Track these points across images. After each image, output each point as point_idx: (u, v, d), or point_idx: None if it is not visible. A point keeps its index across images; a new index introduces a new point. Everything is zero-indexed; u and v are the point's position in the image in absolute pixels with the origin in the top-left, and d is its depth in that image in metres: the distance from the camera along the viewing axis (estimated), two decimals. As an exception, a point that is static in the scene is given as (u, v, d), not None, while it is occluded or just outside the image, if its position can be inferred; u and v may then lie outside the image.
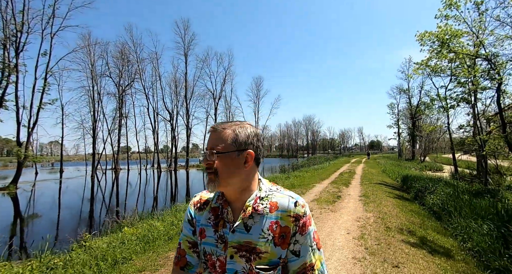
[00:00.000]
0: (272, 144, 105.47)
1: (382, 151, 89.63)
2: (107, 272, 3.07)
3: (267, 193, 0.75)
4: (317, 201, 6.59)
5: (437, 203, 6.10)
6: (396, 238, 3.92)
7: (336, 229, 4.34)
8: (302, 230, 0.71)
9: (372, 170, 16.81)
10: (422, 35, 9.73)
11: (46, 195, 15.37)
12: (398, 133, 40.55)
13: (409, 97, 36.43)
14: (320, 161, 28.77)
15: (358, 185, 9.76)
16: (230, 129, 0.73)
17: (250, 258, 0.69)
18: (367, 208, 5.77)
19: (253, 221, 0.71)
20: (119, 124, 32.85)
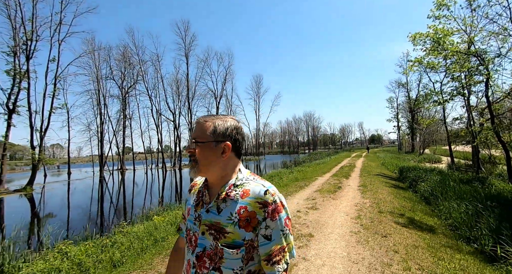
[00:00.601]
0: (273, 141, 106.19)
1: (382, 144, 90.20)
2: (152, 247, 3.80)
3: (242, 181, 0.81)
4: (320, 191, 7.31)
5: (427, 190, 6.80)
6: (388, 218, 4.63)
7: (336, 212, 5.05)
8: (272, 216, 0.75)
9: (372, 163, 17.50)
10: (414, 36, 10.34)
11: (64, 194, 16.18)
12: (397, 126, 41.16)
13: (407, 91, 36.96)
14: (321, 156, 29.49)
15: (358, 177, 10.47)
16: (211, 122, 0.80)
17: (217, 237, 0.76)
18: (364, 196, 6.49)
19: (225, 205, 0.78)
20: (123, 126, 33.61)
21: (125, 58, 32.14)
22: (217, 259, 0.75)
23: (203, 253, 0.77)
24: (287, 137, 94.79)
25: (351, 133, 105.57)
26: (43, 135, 18.41)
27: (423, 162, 20.27)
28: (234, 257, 0.73)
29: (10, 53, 18.17)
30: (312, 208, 5.42)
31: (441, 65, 11.79)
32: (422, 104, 28.11)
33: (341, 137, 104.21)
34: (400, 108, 40.57)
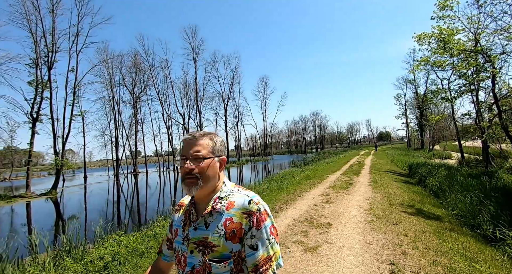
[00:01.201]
0: (280, 141, 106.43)
1: (391, 141, 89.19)
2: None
3: (227, 193, 0.82)
4: (333, 188, 7.79)
5: (435, 184, 7.19)
6: (398, 209, 5.09)
7: (350, 205, 5.54)
8: (257, 225, 0.76)
9: (381, 161, 17.77)
10: (419, 36, 10.68)
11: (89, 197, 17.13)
12: (406, 123, 40.93)
13: (415, 87, 36.74)
14: (329, 155, 29.74)
15: (368, 174, 10.86)
16: (208, 138, 0.82)
17: (205, 252, 0.76)
18: (375, 191, 6.93)
19: (212, 219, 0.78)
20: (135, 130, 34.72)
21: (136, 65, 33.28)
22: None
23: (192, 272, 0.77)
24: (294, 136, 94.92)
25: (358, 131, 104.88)
26: (64, 141, 19.48)
27: (432, 158, 20.32)
28: (222, 271, 0.74)
29: (32, 65, 19.34)
30: (327, 202, 5.92)
31: (448, 63, 12.05)
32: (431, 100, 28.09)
33: (349, 135, 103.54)
34: (408, 105, 40.33)
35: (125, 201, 14.57)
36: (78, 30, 20.26)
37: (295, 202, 6.23)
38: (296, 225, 4.41)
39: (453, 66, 11.39)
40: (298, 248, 3.39)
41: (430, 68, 15.01)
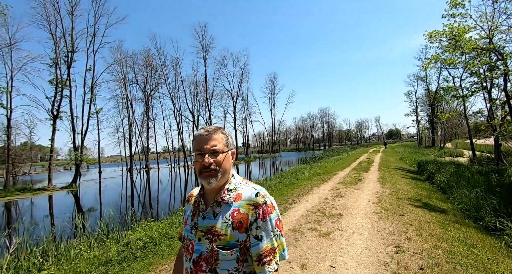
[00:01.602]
0: (287, 138, 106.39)
1: (401, 139, 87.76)
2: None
3: (235, 186, 0.87)
4: (342, 183, 8.12)
5: (443, 180, 7.42)
6: (405, 203, 5.40)
7: (359, 199, 5.88)
8: (263, 217, 0.80)
9: (390, 158, 17.85)
10: (430, 34, 10.73)
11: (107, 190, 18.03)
12: (417, 121, 40.34)
13: (427, 84, 36.14)
14: (338, 152, 29.83)
15: (376, 170, 11.10)
16: (220, 132, 0.88)
17: (212, 239, 0.80)
18: (384, 186, 7.24)
19: (220, 209, 0.84)
20: (147, 127, 35.71)
21: (148, 63, 34.08)
22: (213, 261, 0.79)
23: (200, 258, 0.81)
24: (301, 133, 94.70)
25: (367, 129, 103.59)
26: (83, 138, 20.44)
27: (443, 156, 20.18)
28: (229, 258, 0.77)
29: (52, 64, 20.29)
30: (338, 196, 6.29)
31: (459, 61, 12.03)
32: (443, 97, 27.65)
33: (358, 132, 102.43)
34: (419, 102, 39.70)
35: (143, 194, 15.31)
36: (95, 31, 21.08)
37: (306, 196, 6.63)
38: (309, 215, 4.82)
39: (464, 64, 11.38)
40: (312, 234, 3.80)
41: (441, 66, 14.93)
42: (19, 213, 11.48)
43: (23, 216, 10.62)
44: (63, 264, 3.44)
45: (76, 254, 3.76)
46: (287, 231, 3.97)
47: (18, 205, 13.57)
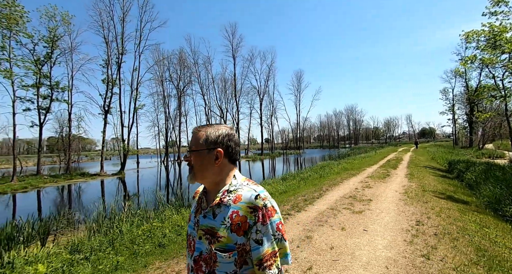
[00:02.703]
0: (311, 135, 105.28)
1: (435, 139, 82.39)
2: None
3: (236, 187, 0.85)
4: (371, 178, 8.82)
5: (471, 178, 7.79)
6: (430, 194, 6.06)
7: (387, 190, 6.63)
8: (263, 220, 0.78)
9: (420, 157, 17.71)
10: (467, 34, 10.73)
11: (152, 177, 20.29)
12: (453, 119, 38.10)
13: (466, 81, 33.91)
14: (365, 150, 29.59)
15: (405, 168, 11.48)
16: (203, 131, 0.88)
17: (211, 241, 0.81)
18: (411, 181, 7.83)
19: (220, 210, 0.83)
20: (179, 122, 38.32)
21: (181, 62, 36.43)
22: (211, 263, 0.79)
23: (200, 257, 0.83)
24: (326, 131, 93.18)
25: (397, 127, 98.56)
26: (129, 130, 23.03)
27: (481, 157, 19.37)
28: (227, 261, 0.78)
29: (104, 65, 23.00)
30: (367, 187, 7.09)
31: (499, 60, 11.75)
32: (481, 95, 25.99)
33: (386, 130, 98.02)
34: (457, 99, 37.40)
35: (179, 182, 17.16)
36: (141, 34, 23.42)
37: (338, 186, 7.51)
38: (342, 200, 5.74)
39: (503, 64, 11.14)
40: (347, 211, 4.75)
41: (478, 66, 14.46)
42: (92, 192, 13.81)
43: (99, 193, 12.84)
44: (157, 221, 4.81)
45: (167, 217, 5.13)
46: (325, 210, 4.95)
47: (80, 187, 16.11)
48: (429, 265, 2.65)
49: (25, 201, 12.15)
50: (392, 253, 2.96)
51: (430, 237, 3.41)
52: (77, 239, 4.20)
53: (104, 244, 3.82)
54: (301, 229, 3.94)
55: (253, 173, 20.80)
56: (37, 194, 13.66)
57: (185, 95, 37.18)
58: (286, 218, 4.56)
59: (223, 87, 39.18)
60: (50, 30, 19.36)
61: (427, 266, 2.62)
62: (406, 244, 3.21)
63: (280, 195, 6.94)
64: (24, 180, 17.23)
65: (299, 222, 4.27)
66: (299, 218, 4.51)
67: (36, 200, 12.43)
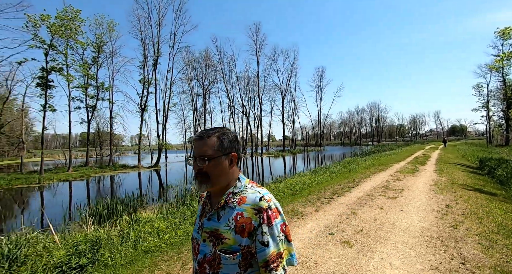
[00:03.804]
0: (331, 132, 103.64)
1: (466, 137, 77.62)
2: (294, 197, 6.92)
3: (240, 189, 0.87)
4: (400, 172, 9.38)
5: (502, 174, 8.10)
6: (459, 186, 6.60)
7: (417, 183, 7.24)
8: (268, 222, 0.79)
9: (450, 155, 17.53)
10: (503, 31, 10.71)
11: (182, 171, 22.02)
12: (487, 116, 36.08)
13: (503, 76, 31.96)
14: (390, 148, 29.26)
15: (433, 164, 11.77)
16: (215, 137, 0.85)
17: (216, 243, 0.81)
18: (440, 175, 8.31)
19: (224, 212, 0.84)
20: (204, 119, 40.15)
21: (206, 61, 38.03)
22: (215, 265, 0.80)
23: (204, 260, 0.83)
24: (347, 128, 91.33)
25: (424, 124, 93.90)
26: (164, 127, 24.94)
27: (516, 156, 18.65)
28: (231, 263, 0.78)
29: (141, 66, 25.00)
30: (397, 180, 7.73)
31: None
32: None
33: (411, 128, 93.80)
34: (492, 95, 35.31)
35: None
36: (175, 38, 25.14)
37: (369, 178, 8.21)
38: (376, 189, 6.50)
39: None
40: (382, 197, 5.53)
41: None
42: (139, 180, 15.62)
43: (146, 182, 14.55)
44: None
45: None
46: (362, 196, 5.76)
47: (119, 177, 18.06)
48: (456, 231, 3.43)
49: (91, 187, 14.15)
50: (425, 224, 3.76)
51: (458, 216, 4.13)
52: (165, 209, 5.43)
53: (189, 215, 4.98)
54: (346, 208, 4.82)
55: (281, 168, 21.74)
56: (103, 180, 15.73)
57: (210, 93, 38.82)
58: (329, 201, 5.46)
59: (245, 85, 40.37)
60: (97, 37, 21.57)
61: (454, 232, 3.41)
62: (437, 219, 3.98)
63: (317, 185, 7.82)
64: (77, 170, 19.63)
65: (342, 204, 5.15)
66: (341, 201, 5.38)
67: (97, 186, 14.40)
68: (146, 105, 24.94)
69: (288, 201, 5.74)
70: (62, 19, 17.67)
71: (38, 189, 13.29)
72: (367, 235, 3.43)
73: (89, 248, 2.83)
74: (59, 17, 17.66)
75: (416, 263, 2.64)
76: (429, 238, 3.28)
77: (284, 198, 6.12)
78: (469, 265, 2.56)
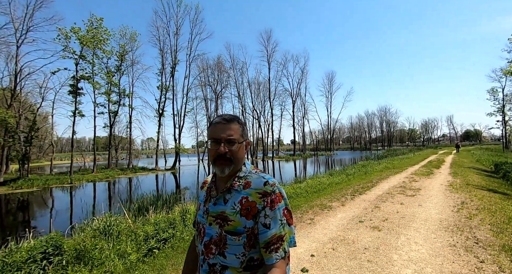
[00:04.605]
0: (340, 136, 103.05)
1: (481, 142, 75.64)
2: (319, 194, 7.50)
3: (245, 174, 0.90)
4: (415, 174, 9.80)
5: (517, 177, 8.42)
6: (473, 187, 7.02)
7: (433, 183, 7.69)
8: (271, 205, 0.82)
9: (464, 159, 17.62)
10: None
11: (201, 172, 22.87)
12: (503, 121, 35.49)
13: (518, 80, 31.56)
14: (402, 152, 29.24)
15: (448, 168, 12.07)
16: (237, 122, 0.90)
17: (222, 224, 0.84)
18: (455, 177, 8.70)
19: (230, 196, 0.87)
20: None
21: (219, 67, 39.29)
22: (221, 245, 0.83)
23: (210, 241, 0.86)
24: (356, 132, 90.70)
25: (436, 129, 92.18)
26: (180, 131, 26.00)
27: (533, 161, 18.50)
28: (236, 243, 0.82)
29: (159, 74, 26.29)
30: (413, 181, 8.20)
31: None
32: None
33: (423, 132, 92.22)
34: (508, 100, 34.77)
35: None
36: (191, 46, 26.41)
37: (386, 180, 8.70)
38: (394, 188, 7.01)
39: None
40: (401, 195, 6.06)
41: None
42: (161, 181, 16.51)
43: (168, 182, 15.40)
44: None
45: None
46: (382, 194, 6.30)
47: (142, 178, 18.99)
48: (470, 221, 3.97)
49: (120, 187, 15.13)
50: (443, 216, 4.30)
51: (472, 210, 4.64)
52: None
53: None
54: (369, 203, 5.39)
55: (295, 171, 22.24)
56: (129, 181, 16.73)
57: (222, 98, 39.92)
58: (352, 197, 6.03)
59: (256, 89, 41.31)
60: (121, 46, 23.00)
61: (469, 222, 3.94)
62: (453, 212, 4.51)
63: (336, 185, 8.38)
64: (101, 172, 20.77)
65: (365, 200, 5.72)
66: (363, 198, 5.95)
67: (128, 185, 15.36)
68: (164, 111, 26.12)
69: (314, 197, 6.35)
70: (89, 31, 19.08)
71: (72, 188, 14.37)
72: (392, 223, 4.01)
73: (168, 226, 3.54)
74: (90, 30, 19.10)
75: (436, 242, 3.22)
76: (446, 225, 3.83)
77: (310, 195, 6.73)
78: (481, 244, 3.11)
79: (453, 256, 2.83)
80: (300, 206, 5.45)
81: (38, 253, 2.71)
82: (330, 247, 3.17)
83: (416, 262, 2.71)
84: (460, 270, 2.53)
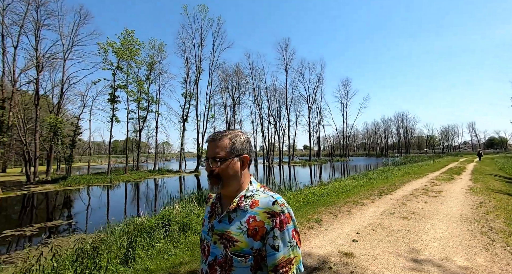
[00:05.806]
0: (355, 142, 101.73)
1: (506, 150, 72.22)
2: (348, 194, 8.31)
3: (252, 193, 0.87)
4: (436, 179, 10.34)
5: (537, 183, 8.81)
6: (493, 191, 7.57)
7: (454, 188, 8.28)
8: (280, 226, 0.79)
9: (486, 167, 17.61)
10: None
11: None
12: (529, 129, 34.24)
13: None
14: (421, 159, 29.06)
15: (469, 174, 12.41)
16: (227, 138, 0.87)
17: (227, 245, 0.81)
18: (476, 183, 9.21)
19: (236, 215, 0.84)
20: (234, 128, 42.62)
21: (237, 74, 40.91)
22: (227, 267, 0.80)
23: (215, 262, 0.83)
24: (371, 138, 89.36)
25: (457, 136, 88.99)
26: (203, 136, 27.49)
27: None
28: (243, 266, 0.78)
29: (183, 82, 28.05)
30: (434, 185, 8.82)
31: None
32: None
33: (443, 139, 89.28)
34: (533, 106, 33.65)
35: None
36: (214, 56, 28.11)
37: (408, 183, 9.36)
38: (416, 191, 7.71)
39: None
40: (424, 196, 6.79)
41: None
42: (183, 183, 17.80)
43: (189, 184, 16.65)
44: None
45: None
46: (406, 194, 7.04)
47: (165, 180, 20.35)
48: (487, 216, 4.71)
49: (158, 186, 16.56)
50: (463, 212, 5.06)
51: (490, 208, 5.34)
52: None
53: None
54: (395, 201, 6.19)
55: (313, 175, 22.91)
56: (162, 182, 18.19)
57: (239, 104, 41.36)
58: (380, 197, 6.82)
59: (272, 96, 42.48)
60: (150, 57, 24.99)
61: (486, 216, 4.69)
62: (472, 209, 5.24)
63: (361, 187, 9.14)
64: (132, 173, 22.45)
65: (391, 199, 6.51)
66: (389, 197, 6.74)
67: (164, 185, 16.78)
68: (188, 116, 27.76)
69: (345, 196, 7.21)
70: (123, 43, 21.06)
71: (112, 187, 15.93)
72: (419, 215, 4.83)
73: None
74: (124, 42, 21.11)
75: (456, 228, 4.03)
76: (466, 218, 4.60)
77: (339, 195, 7.58)
78: (494, 230, 3.89)
79: (470, 236, 3.65)
80: (335, 202, 6.34)
81: (160, 222, 3.83)
82: (370, 229, 4.07)
83: (441, 239, 3.56)
84: (475, 244, 3.36)
